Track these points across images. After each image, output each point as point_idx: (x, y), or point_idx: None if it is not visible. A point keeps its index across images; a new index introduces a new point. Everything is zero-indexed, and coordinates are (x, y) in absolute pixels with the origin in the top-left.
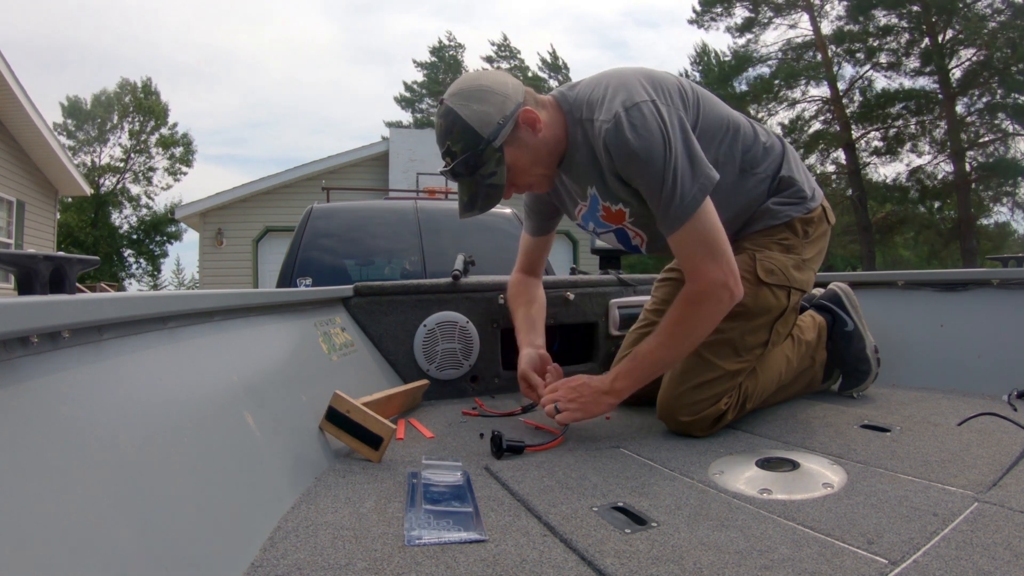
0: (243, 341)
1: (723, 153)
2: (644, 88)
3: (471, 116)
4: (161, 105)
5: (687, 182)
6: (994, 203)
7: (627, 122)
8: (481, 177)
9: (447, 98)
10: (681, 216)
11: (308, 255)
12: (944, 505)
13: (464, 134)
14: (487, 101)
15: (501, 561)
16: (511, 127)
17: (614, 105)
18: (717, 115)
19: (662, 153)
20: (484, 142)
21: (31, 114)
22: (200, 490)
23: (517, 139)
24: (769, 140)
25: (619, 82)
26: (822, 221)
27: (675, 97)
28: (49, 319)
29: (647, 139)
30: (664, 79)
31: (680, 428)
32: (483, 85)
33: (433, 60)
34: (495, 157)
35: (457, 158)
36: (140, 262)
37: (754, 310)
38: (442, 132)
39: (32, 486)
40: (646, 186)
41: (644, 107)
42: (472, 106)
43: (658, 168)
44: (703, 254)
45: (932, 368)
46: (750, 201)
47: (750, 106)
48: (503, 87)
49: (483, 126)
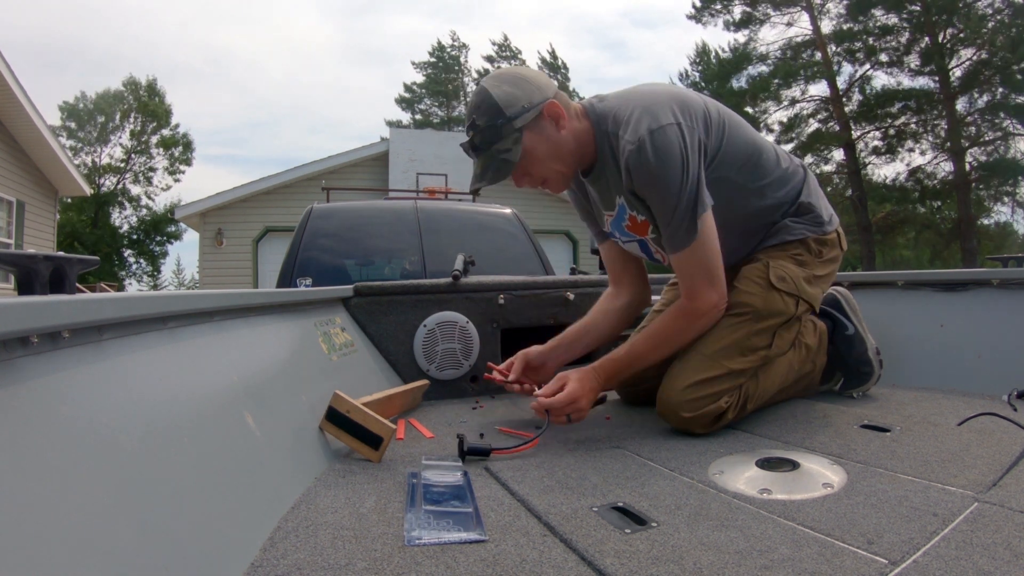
0: (243, 341)
1: (744, 176)
2: (672, 111)
3: (500, 95)
4: (165, 107)
5: (695, 208)
6: (994, 203)
7: (650, 145)
8: (496, 151)
9: (484, 80)
10: (686, 239)
11: (308, 255)
12: (944, 505)
13: (490, 110)
14: (518, 86)
15: (501, 561)
16: (535, 114)
17: (640, 128)
18: (742, 139)
19: (679, 178)
20: (505, 119)
21: (31, 114)
22: (200, 490)
23: (539, 127)
24: (790, 166)
25: (648, 102)
26: (835, 246)
27: (699, 121)
28: (49, 319)
29: (667, 162)
30: (692, 103)
31: (680, 424)
32: (519, 74)
33: (433, 61)
34: (513, 136)
35: (478, 130)
36: (140, 262)
37: (763, 312)
38: (471, 107)
39: (32, 486)
40: (658, 206)
41: (669, 130)
42: (503, 87)
43: (673, 192)
44: (703, 277)
45: (932, 368)
46: (767, 223)
47: (748, 105)
48: (538, 79)
49: (508, 105)
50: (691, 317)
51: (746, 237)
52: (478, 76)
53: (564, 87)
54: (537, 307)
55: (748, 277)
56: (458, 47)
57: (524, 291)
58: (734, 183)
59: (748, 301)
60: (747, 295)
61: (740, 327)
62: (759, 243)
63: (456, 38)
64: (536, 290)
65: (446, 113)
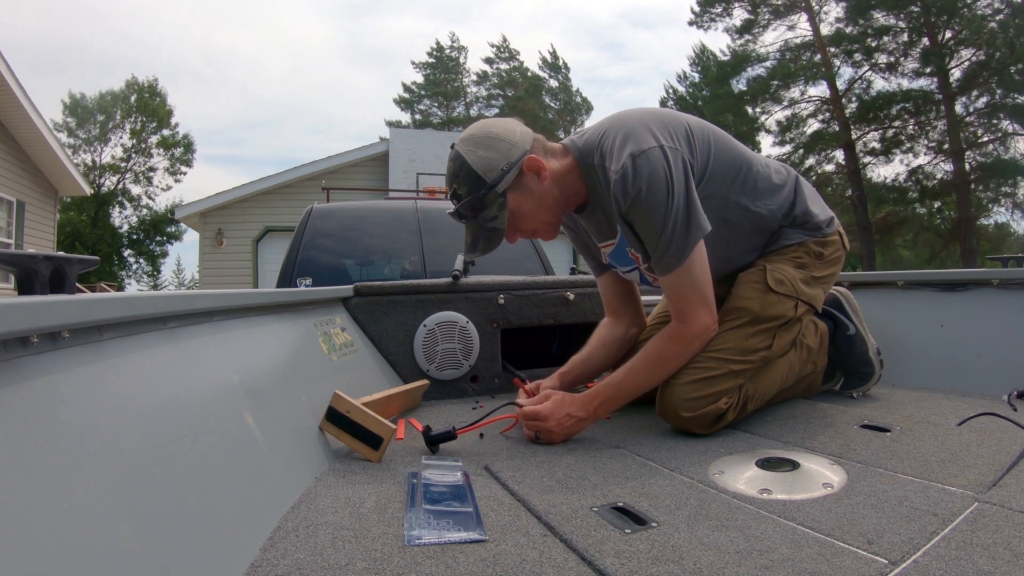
0: (243, 341)
1: (735, 192)
2: (652, 133)
3: (476, 162)
4: (166, 108)
5: (684, 229)
6: (993, 203)
7: (633, 170)
8: (484, 220)
9: (457, 143)
10: (675, 262)
11: (308, 255)
12: (944, 505)
13: (469, 178)
14: (493, 148)
15: (501, 561)
16: (515, 173)
17: (623, 155)
18: (730, 155)
19: (664, 201)
20: (487, 187)
21: (31, 114)
22: (200, 490)
23: (521, 185)
24: (780, 177)
25: (628, 129)
26: (838, 247)
27: (682, 141)
28: (49, 319)
29: (652, 186)
30: (673, 121)
31: (680, 424)
32: (491, 133)
33: (432, 61)
34: (497, 202)
35: (461, 199)
36: (140, 262)
37: (761, 316)
38: (450, 175)
39: (32, 486)
40: (645, 229)
41: (652, 154)
42: (479, 152)
43: (659, 215)
44: (693, 299)
45: (932, 368)
46: (764, 235)
47: (748, 106)
48: (511, 135)
49: (487, 171)
50: (685, 340)
51: (744, 251)
52: (477, 77)
53: (565, 87)
54: (537, 307)
55: (746, 282)
56: (457, 48)
57: (524, 291)
58: (725, 199)
59: (745, 306)
60: (745, 300)
61: (739, 330)
62: (759, 254)
63: (455, 39)
64: (536, 290)
65: (446, 113)
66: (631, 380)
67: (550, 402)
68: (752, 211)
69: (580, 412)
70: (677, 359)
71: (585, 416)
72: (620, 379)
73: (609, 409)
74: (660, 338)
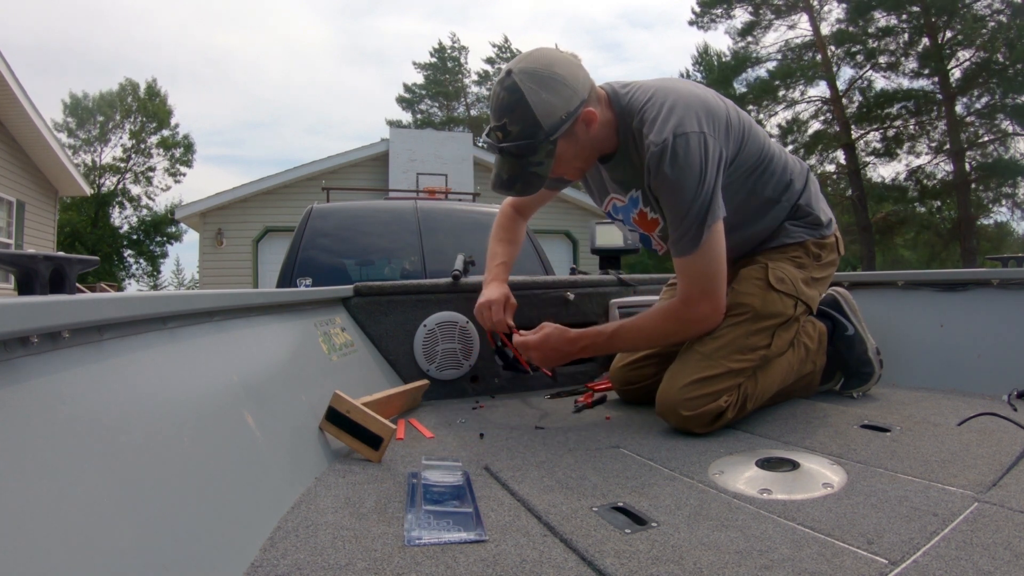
0: (243, 341)
1: (752, 182)
2: (698, 118)
3: (538, 104)
4: (166, 109)
5: (703, 218)
6: (993, 203)
7: (672, 150)
8: (528, 163)
9: (517, 74)
10: (691, 245)
11: (308, 255)
12: (944, 505)
13: (525, 118)
14: (557, 92)
15: (501, 561)
16: (571, 123)
17: (665, 130)
18: (757, 146)
19: (695, 187)
20: (543, 134)
21: (31, 115)
22: (200, 490)
23: (572, 134)
24: (796, 170)
25: (675, 102)
26: (833, 250)
27: (722, 132)
28: (49, 319)
29: (686, 170)
30: (718, 109)
31: (680, 423)
32: (555, 74)
33: (434, 62)
34: (547, 149)
35: (510, 137)
36: (140, 262)
37: (762, 313)
38: (503, 106)
39: (32, 486)
40: (670, 209)
41: (693, 138)
42: (542, 94)
43: (687, 198)
44: (704, 284)
45: (932, 368)
46: (769, 226)
47: (749, 106)
48: (574, 80)
49: (546, 116)
50: (680, 321)
51: (747, 238)
52: (478, 77)
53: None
54: (537, 307)
55: (747, 278)
56: (458, 48)
57: (524, 291)
58: (741, 187)
59: (747, 302)
60: (746, 296)
61: (739, 327)
62: (760, 244)
63: (456, 39)
64: (536, 290)
65: (446, 114)
66: (619, 338)
67: (540, 335)
68: (763, 200)
69: (565, 347)
70: (666, 337)
71: (569, 352)
72: (610, 332)
73: (591, 353)
74: (660, 312)
